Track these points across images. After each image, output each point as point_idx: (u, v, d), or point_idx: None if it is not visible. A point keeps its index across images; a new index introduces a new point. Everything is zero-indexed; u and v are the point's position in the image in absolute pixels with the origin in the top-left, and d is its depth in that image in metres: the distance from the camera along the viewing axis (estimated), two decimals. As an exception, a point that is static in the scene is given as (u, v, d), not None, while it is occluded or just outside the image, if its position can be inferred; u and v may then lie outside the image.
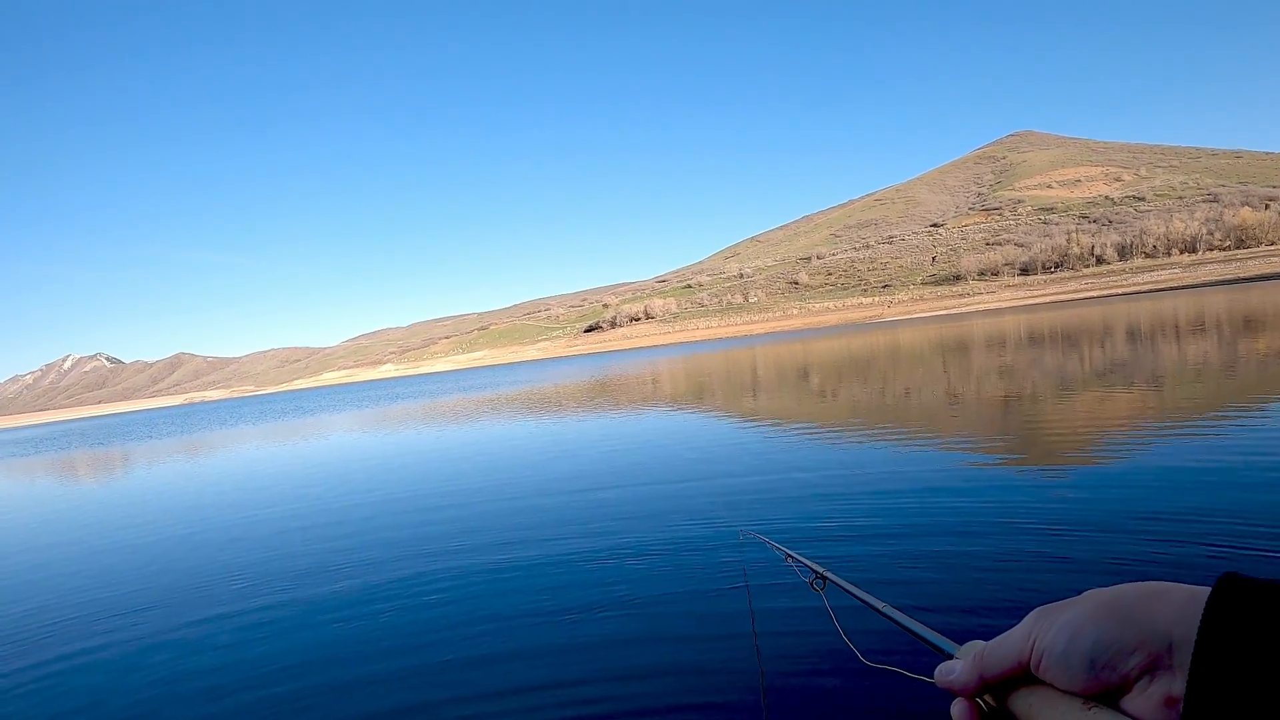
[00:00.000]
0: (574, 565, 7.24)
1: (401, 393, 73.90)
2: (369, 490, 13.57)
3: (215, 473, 20.47)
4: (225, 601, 7.45)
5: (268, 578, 8.19)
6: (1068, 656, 0.65)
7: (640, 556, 7.25)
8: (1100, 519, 6.61)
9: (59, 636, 7.03)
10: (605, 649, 5.18)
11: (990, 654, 0.72)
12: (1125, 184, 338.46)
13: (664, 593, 6.17)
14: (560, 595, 6.41)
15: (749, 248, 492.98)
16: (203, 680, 5.48)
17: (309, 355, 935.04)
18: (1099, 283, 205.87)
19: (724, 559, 6.82)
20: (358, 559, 8.47)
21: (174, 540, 11.07)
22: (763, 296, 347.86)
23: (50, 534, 13.24)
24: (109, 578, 9.16)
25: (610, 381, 41.98)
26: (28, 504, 18.41)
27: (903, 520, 7.37)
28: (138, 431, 60.20)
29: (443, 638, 5.72)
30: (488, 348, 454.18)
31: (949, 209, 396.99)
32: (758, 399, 22.75)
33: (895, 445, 11.63)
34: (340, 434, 28.79)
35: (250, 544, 10.09)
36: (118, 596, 8.21)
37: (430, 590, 6.96)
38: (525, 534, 8.77)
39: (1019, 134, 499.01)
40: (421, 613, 6.37)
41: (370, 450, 21.24)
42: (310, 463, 19.82)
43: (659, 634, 5.34)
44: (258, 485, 16.39)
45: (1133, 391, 14.39)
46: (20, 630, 7.39)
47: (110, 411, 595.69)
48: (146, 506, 15.27)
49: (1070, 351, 26.15)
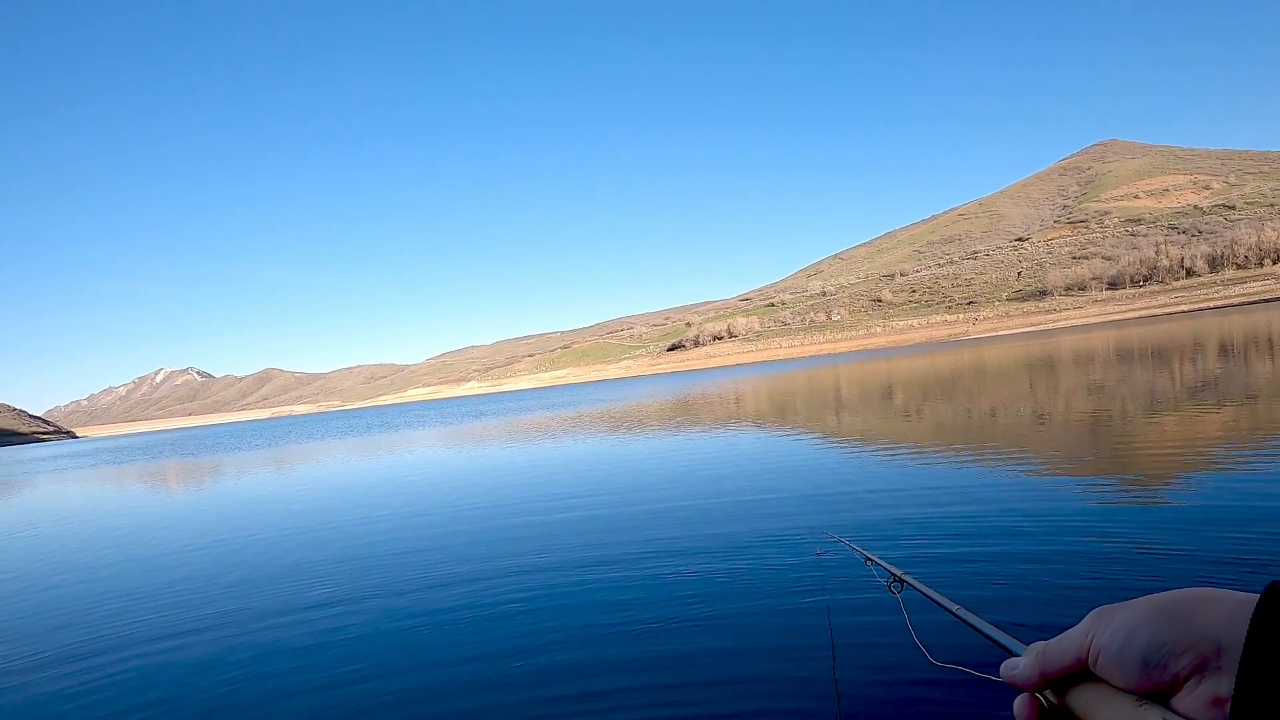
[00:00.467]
0: (657, 570, 7.51)
1: (485, 410, 74.31)
2: (455, 501, 13.90)
3: (304, 482, 21.00)
4: (306, 605, 7.68)
5: (353, 580, 8.45)
6: (1123, 655, 0.68)
7: (725, 561, 7.53)
8: (1182, 539, 6.62)
9: (150, 630, 7.30)
10: (686, 651, 5.39)
11: (1051, 651, 0.75)
12: (1214, 192, 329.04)
13: (747, 594, 6.43)
14: (645, 598, 6.67)
15: (831, 265, 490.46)
16: (281, 680, 5.70)
17: (394, 372, 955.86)
18: (1189, 296, 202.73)
19: (806, 562, 7.06)
20: (442, 568, 8.68)
21: (265, 543, 11.41)
22: (846, 314, 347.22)
23: (154, 535, 13.45)
24: (203, 576, 9.41)
25: (693, 400, 42.00)
26: (136, 507, 18.46)
27: (981, 531, 7.55)
28: (229, 443, 61.03)
29: (521, 645, 5.89)
30: (570, 366, 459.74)
31: (1033, 222, 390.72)
32: (841, 418, 22.73)
33: (979, 463, 11.70)
34: (425, 449, 29.11)
35: (337, 549, 10.35)
36: (212, 592, 8.45)
37: (512, 599, 7.15)
38: (611, 539, 9.10)
39: (1103, 143, 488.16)
40: (500, 621, 6.54)
41: (455, 464, 21.72)
42: (395, 475, 20.20)
43: (740, 633, 5.60)
44: (345, 495, 16.76)
45: (1224, 410, 14.11)
46: (117, 623, 7.64)
47: (200, 423, 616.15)
48: (238, 512, 15.76)
49: (1160, 369, 25.76)
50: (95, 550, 12.92)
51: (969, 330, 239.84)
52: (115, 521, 16.87)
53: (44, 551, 13.56)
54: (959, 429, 16.35)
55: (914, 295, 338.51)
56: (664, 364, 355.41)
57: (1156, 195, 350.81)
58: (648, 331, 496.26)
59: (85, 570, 11.19)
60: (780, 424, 22.18)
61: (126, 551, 12.39)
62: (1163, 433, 12.46)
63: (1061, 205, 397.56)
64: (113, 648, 6.98)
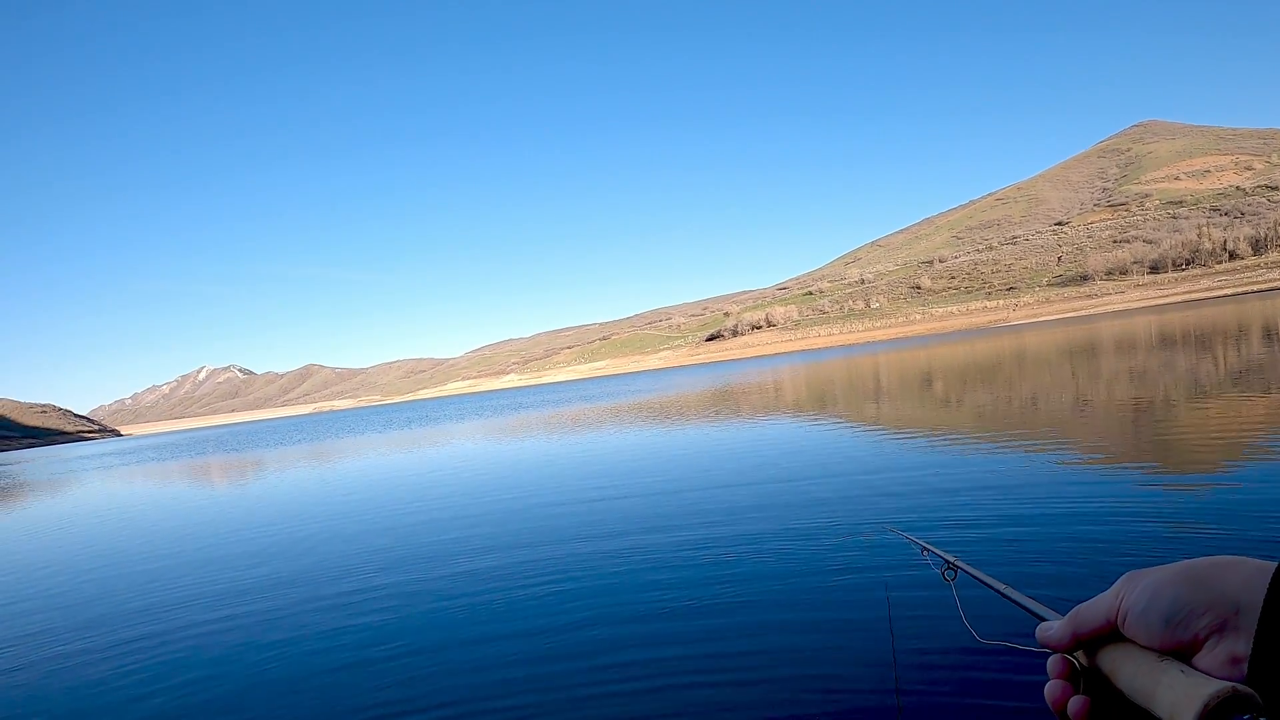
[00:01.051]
0: (709, 552, 7.78)
1: (524, 402, 74.69)
2: (499, 489, 14.13)
3: (351, 475, 21.29)
4: (354, 584, 8.02)
5: (403, 564, 8.78)
6: (1147, 614, 0.73)
7: (778, 543, 7.78)
8: (1222, 522, 6.75)
9: (201, 611, 7.58)
10: (739, 625, 5.71)
11: (1084, 612, 0.80)
12: (1257, 172, 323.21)
13: (807, 580, 6.63)
14: (696, 578, 7.00)
15: (870, 252, 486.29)
16: (341, 655, 6.08)
17: (434, 366, 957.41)
18: (1233, 279, 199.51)
19: (864, 551, 7.21)
20: (491, 554, 9.00)
21: (324, 532, 11.60)
22: (884, 302, 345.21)
23: (215, 525, 13.67)
24: (257, 562, 9.68)
25: (733, 390, 41.95)
26: (187, 500, 18.78)
27: (1027, 515, 7.74)
28: (275, 438, 61.43)
29: (580, 618, 6.28)
30: (609, 357, 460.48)
31: (1073, 206, 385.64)
32: (881, 406, 22.86)
33: (1022, 449, 11.83)
34: (465, 440, 29.54)
35: (390, 538, 10.63)
36: (265, 578, 8.75)
37: (569, 579, 7.48)
38: (666, 523, 9.38)
39: (1143, 124, 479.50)
40: (552, 599, 6.91)
41: (496, 454, 22.10)
42: (437, 465, 20.44)
43: (801, 618, 5.82)
44: (393, 484, 17.11)
45: (1269, 395, 14.16)
46: (178, 608, 7.91)
47: (243, 420, 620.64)
48: (287, 504, 15.89)
49: (1203, 354, 25.65)
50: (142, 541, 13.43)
51: (1009, 317, 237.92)
52: (160, 516, 17.50)
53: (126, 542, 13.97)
54: (1001, 416, 16.45)
55: (953, 282, 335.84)
56: (702, 354, 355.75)
57: (1198, 176, 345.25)
58: (686, 322, 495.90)
59: (134, 558, 11.59)
60: (820, 413, 22.40)
61: (189, 542, 12.85)
62: (1205, 418, 12.50)
63: (1101, 188, 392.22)
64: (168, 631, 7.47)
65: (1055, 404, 17.45)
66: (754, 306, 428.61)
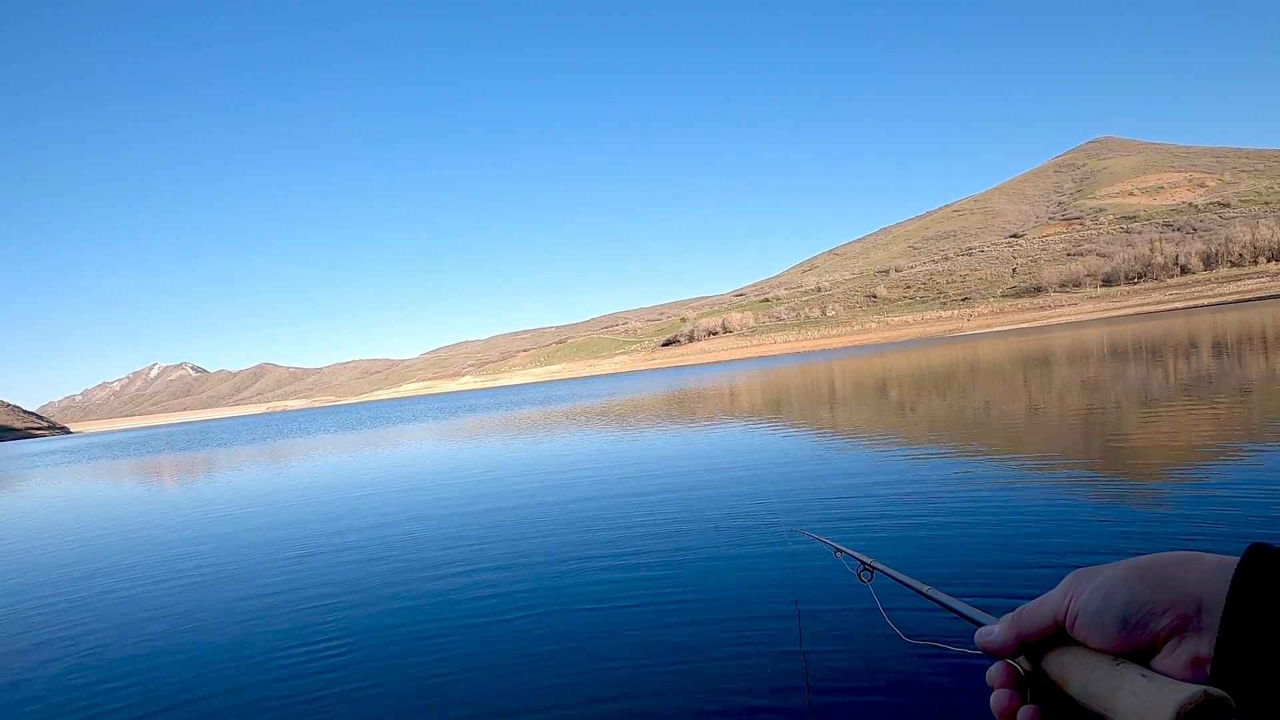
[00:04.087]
0: (633, 560, 7.62)
1: (478, 404, 74.87)
2: (416, 497, 14.08)
3: (297, 478, 20.99)
4: (277, 602, 7.84)
5: (354, 579, 8.57)
6: (1101, 615, 0.68)
7: (695, 554, 7.62)
8: (1166, 526, 6.74)
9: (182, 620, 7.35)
10: (653, 642, 5.47)
11: (1028, 614, 0.75)
12: (1209, 190, 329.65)
13: (714, 586, 6.51)
14: (621, 588, 6.76)
15: (827, 260, 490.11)
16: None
17: (389, 367, 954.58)
18: (1184, 293, 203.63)
19: (776, 554, 7.21)
20: (382, 568, 8.88)
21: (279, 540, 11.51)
22: (840, 310, 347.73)
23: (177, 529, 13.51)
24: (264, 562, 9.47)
25: (687, 395, 42.00)
26: (140, 500, 18.48)
27: (961, 519, 7.70)
28: (223, 437, 60.45)
29: (499, 638, 6.10)
30: (565, 361, 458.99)
31: (1028, 219, 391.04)
32: (831, 413, 22.93)
33: (967, 455, 11.88)
34: (418, 444, 29.48)
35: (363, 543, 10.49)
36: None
37: (488, 592, 7.31)
38: (580, 536, 9.12)
39: (1099, 140, 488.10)
40: (477, 616, 6.72)
41: (446, 459, 22.07)
42: (378, 467, 20.38)
43: (707, 626, 5.64)
44: (329, 486, 16.78)
45: (1216, 405, 14.19)
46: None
47: (195, 418, 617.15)
48: (207, 507, 15.57)
49: (1154, 366, 25.88)
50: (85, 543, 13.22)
51: (963, 326, 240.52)
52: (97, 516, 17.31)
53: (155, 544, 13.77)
54: (950, 423, 16.48)
55: (909, 291, 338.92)
56: (659, 359, 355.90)
57: (1151, 192, 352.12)
58: (642, 327, 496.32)
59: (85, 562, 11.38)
60: (770, 419, 22.29)
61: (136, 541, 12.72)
62: (1154, 427, 12.62)
63: (1056, 202, 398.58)
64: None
65: (1005, 411, 17.61)
66: (711, 313, 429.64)
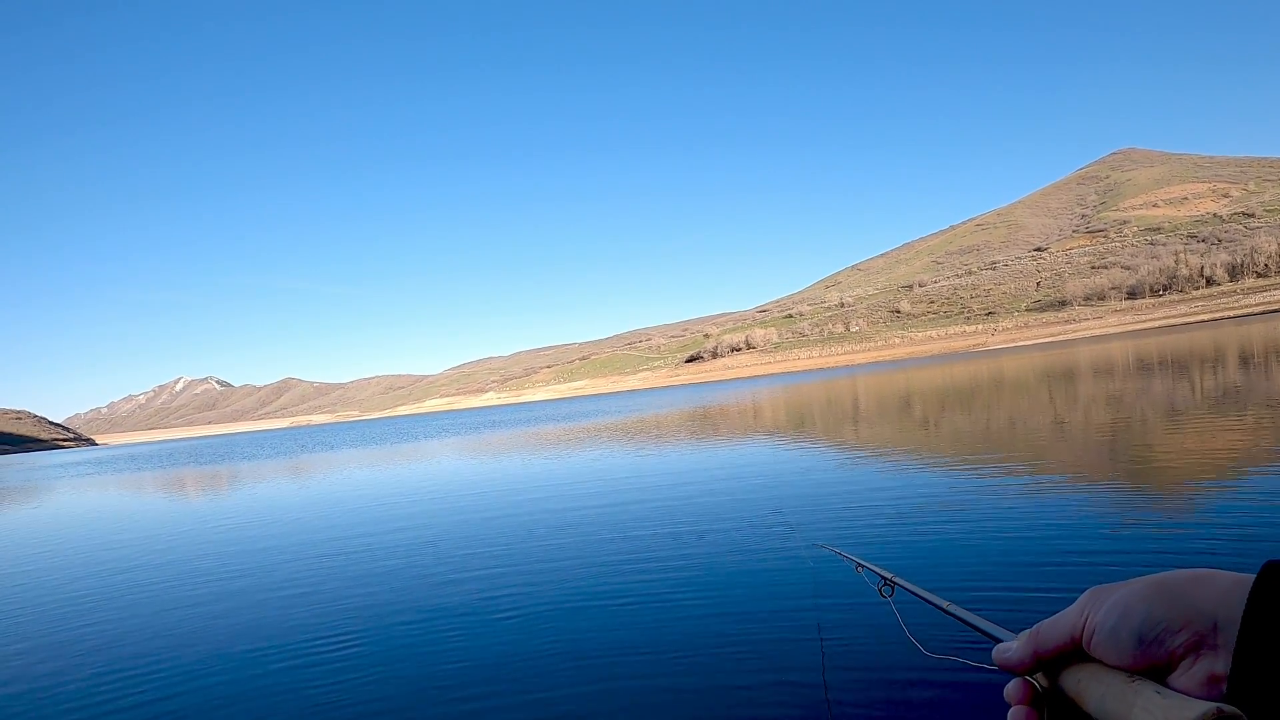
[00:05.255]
0: (657, 570, 7.81)
1: (501, 420, 74.72)
2: (457, 507, 14.12)
3: (319, 492, 20.87)
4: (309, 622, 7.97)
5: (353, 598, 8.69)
6: (1117, 632, 0.69)
7: (720, 572, 7.68)
8: (1191, 544, 6.74)
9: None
10: (680, 648, 5.58)
11: (1045, 630, 0.76)
12: (1234, 200, 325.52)
13: (741, 597, 6.65)
14: (645, 598, 6.90)
15: (850, 276, 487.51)
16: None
17: (412, 382, 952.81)
18: (1209, 305, 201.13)
19: (798, 568, 7.31)
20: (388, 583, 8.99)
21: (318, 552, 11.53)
22: (864, 326, 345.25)
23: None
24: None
25: (710, 412, 41.87)
26: (160, 515, 18.26)
27: (985, 536, 7.72)
28: (248, 451, 58.98)
29: (519, 651, 6.26)
30: (588, 377, 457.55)
31: (1052, 232, 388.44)
32: (855, 429, 22.93)
33: (988, 473, 11.85)
34: (442, 458, 29.28)
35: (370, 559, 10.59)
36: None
37: (516, 607, 7.48)
38: (615, 539, 9.27)
39: (1122, 151, 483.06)
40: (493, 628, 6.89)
41: (467, 472, 21.97)
42: (403, 482, 20.15)
43: (734, 633, 5.78)
44: (357, 502, 16.74)
45: (1244, 419, 14.19)
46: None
47: (219, 432, 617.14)
48: (261, 516, 15.51)
49: (1179, 380, 25.81)
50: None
51: (987, 341, 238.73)
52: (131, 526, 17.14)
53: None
54: (974, 439, 16.45)
55: (932, 306, 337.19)
56: (682, 375, 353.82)
57: (1175, 204, 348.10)
58: (666, 343, 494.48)
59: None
60: (793, 435, 22.44)
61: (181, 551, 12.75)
62: (1181, 442, 12.60)
63: (1080, 215, 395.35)
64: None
65: (1028, 427, 17.47)
66: (734, 329, 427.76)
